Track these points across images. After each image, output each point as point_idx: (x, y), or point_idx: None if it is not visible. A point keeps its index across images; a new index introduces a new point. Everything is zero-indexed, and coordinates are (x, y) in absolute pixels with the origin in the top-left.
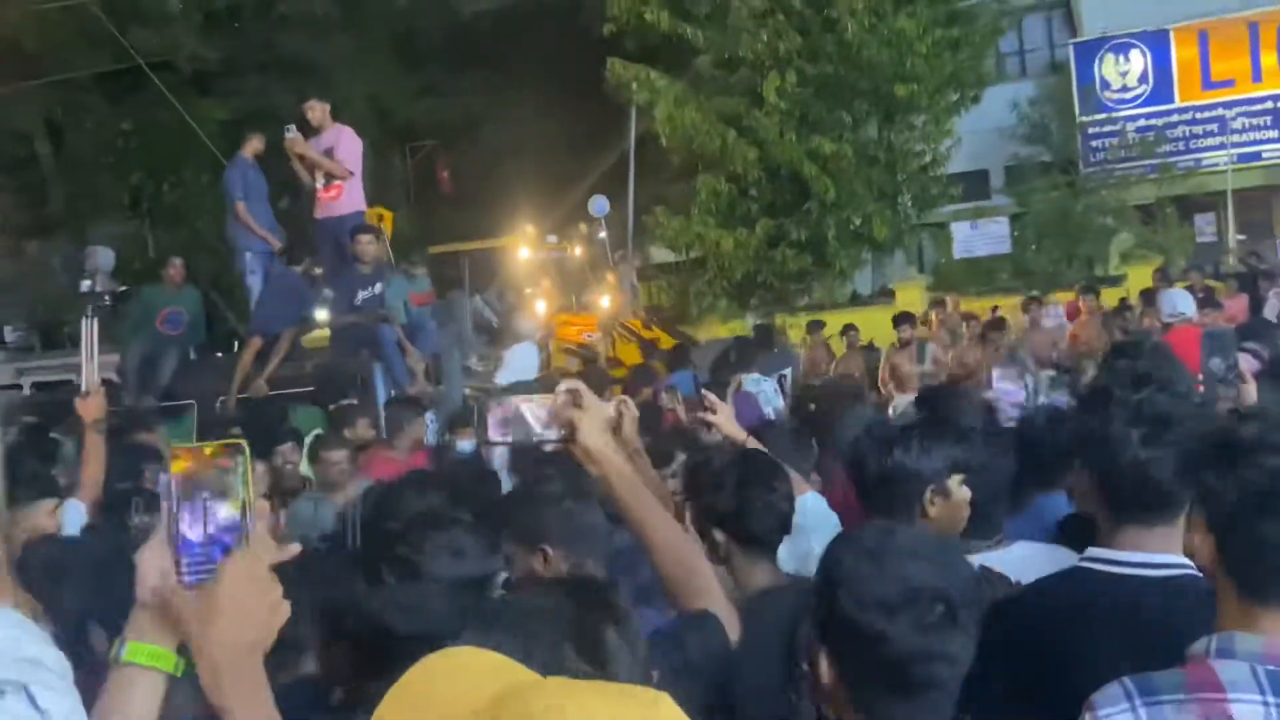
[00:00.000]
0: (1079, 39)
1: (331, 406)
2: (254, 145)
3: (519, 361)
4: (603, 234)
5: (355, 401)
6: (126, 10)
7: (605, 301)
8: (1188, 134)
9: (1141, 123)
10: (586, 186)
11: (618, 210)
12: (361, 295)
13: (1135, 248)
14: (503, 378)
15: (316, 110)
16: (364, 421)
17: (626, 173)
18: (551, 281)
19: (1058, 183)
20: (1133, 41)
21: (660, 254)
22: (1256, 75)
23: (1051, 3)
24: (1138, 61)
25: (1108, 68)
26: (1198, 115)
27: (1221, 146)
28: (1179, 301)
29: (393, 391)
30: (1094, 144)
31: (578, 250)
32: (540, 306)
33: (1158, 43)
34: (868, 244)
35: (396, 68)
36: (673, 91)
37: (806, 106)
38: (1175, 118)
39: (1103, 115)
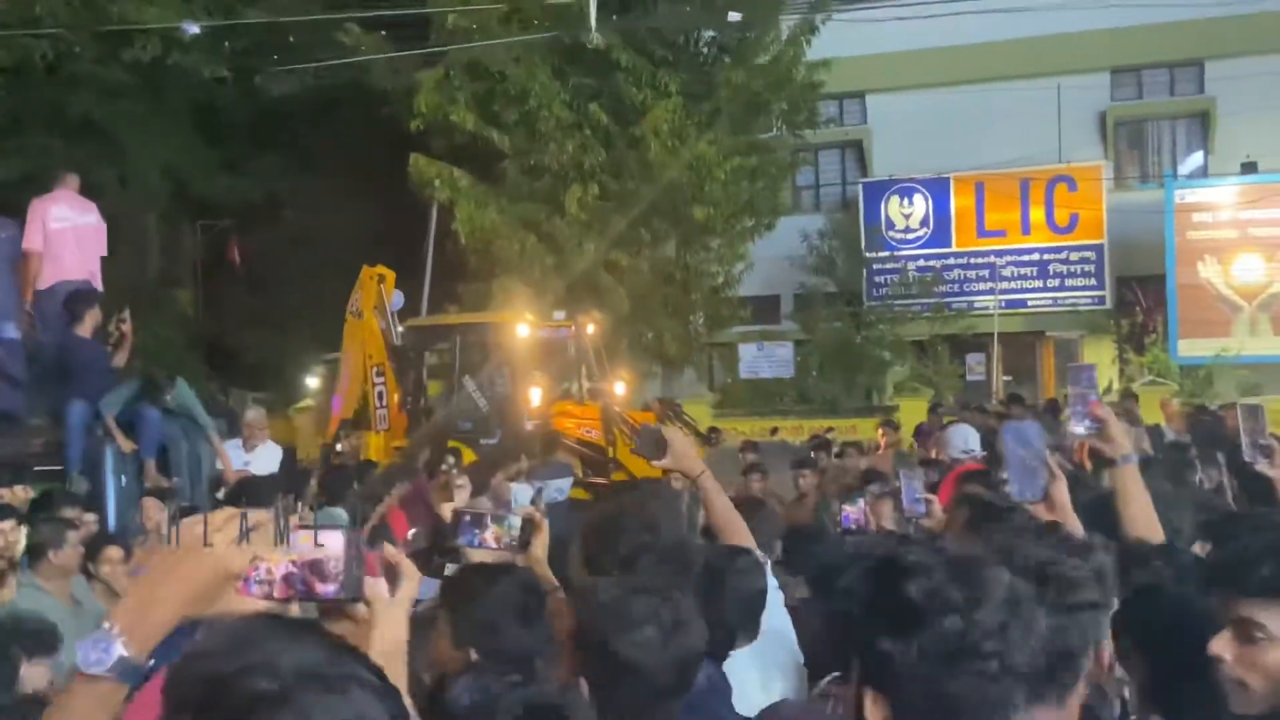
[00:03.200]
0: (868, 179)
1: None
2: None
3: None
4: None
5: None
6: None
7: (620, 388)
8: (962, 277)
9: (921, 263)
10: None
11: (412, 305)
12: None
13: (908, 380)
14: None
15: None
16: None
17: (424, 268)
18: (555, 365)
19: (841, 313)
20: (916, 186)
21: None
22: (1025, 228)
23: (846, 142)
24: (920, 205)
25: (893, 208)
26: (972, 260)
27: (991, 292)
28: (969, 437)
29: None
30: (877, 279)
31: (590, 329)
32: (535, 394)
33: (939, 190)
34: (658, 358)
35: (195, 141)
36: (474, 193)
37: (606, 220)
38: (951, 261)
39: (886, 253)
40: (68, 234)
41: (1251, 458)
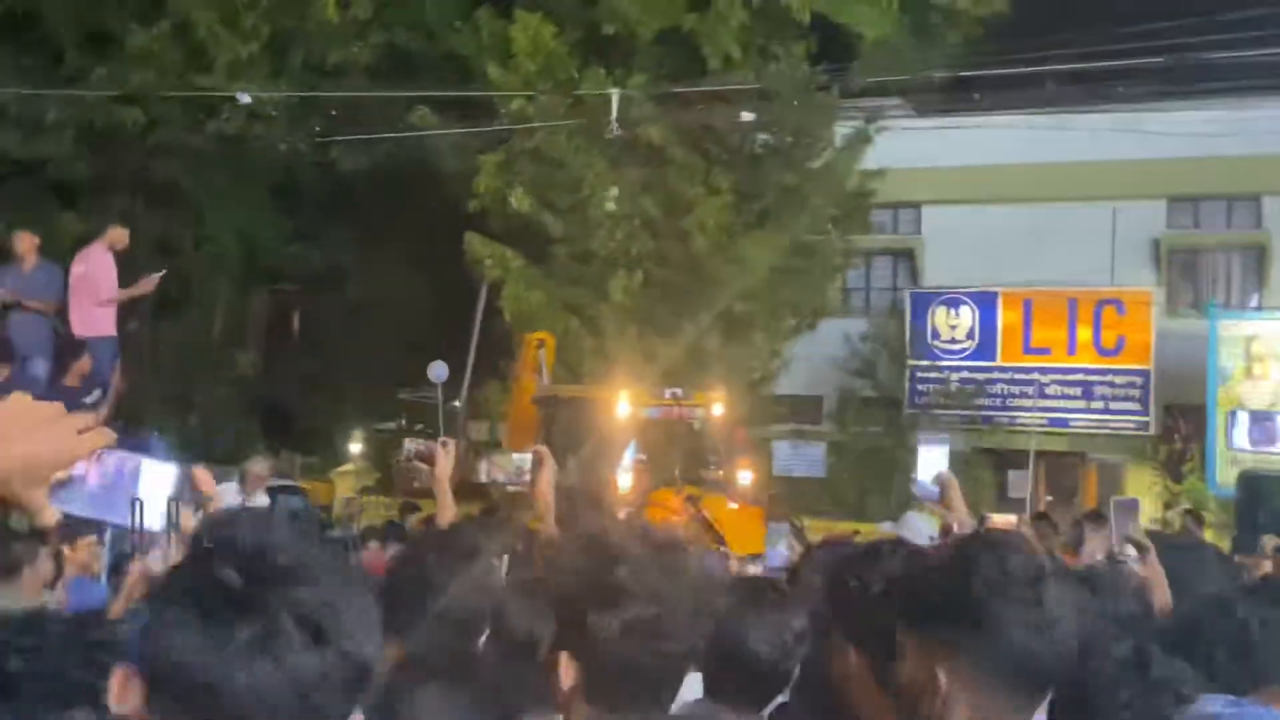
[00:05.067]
0: (917, 288)
1: None
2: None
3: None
4: (456, 402)
5: None
6: None
7: (746, 477)
8: (1005, 392)
9: (964, 375)
10: (433, 351)
11: (455, 380)
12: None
13: None
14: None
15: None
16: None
17: (470, 344)
18: (670, 447)
19: (877, 417)
20: (964, 298)
21: (477, 430)
22: (1071, 348)
23: (898, 250)
24: (967, 317)
25: (939, 318)
26: (1015, 376)
27: (1033, 409)
28: (923, 526)
29: None
30: (919, 387)
31: (717, 410)
32: (625, 479)
33: (987, 303)
34: None
35: (269, 209)
36: (524, 273)
37: (649, 309)
38: (995, 375)
39: (928, 362)
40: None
41: (1119, 550)
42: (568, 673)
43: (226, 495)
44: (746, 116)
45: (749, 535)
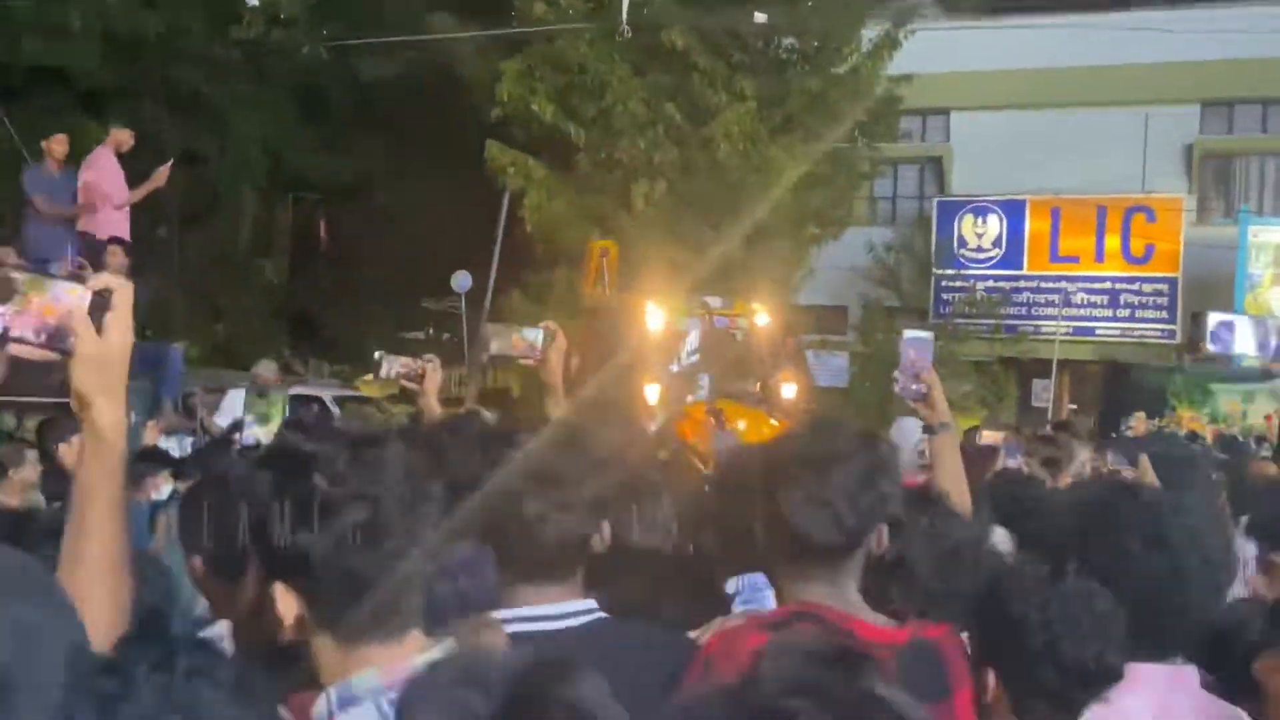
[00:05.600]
0: (943, 196)
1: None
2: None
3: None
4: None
5: None
6: (22, 18)
7: (790, 390)
8: (1031, 300)
9: (990, 283)
10: (457, 261)
11: (478, 290)
12: None
13: (961, 399)
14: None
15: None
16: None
17: (492, 254)
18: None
19: (901, 328)
20: (992, 206)
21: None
22: (1099, 255)
23: (926, 158)
24: (994, 225)
25: (966, 227)
26: (1042, 285)
27: (1058, 318)
28: (915, 430)
29: None
30: (944, 296)
31: (760, 321)
32: (652, 391)
33: (1014, 211)
34: None
35: (294, 119)
36: (546, 182)
37: (673, 218)
38: (1022, 284)
39: (954, 270)
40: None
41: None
42: (287, 604)
43: (235, 401)
44: (760, 18)
45: None
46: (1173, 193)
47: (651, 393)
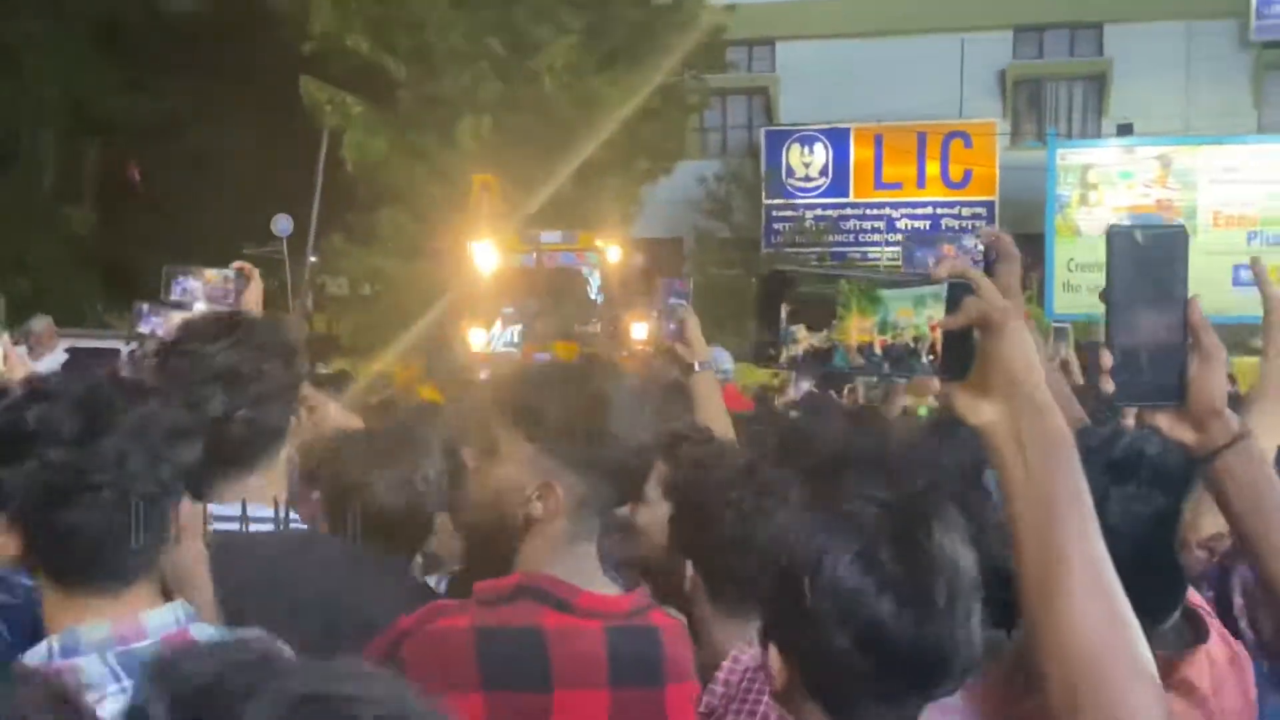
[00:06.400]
0: (771, 126)
1: None
2: None
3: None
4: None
5: None
6: None
7: (640, 331)
8: (858, 228)
9: (819, 212)
10: (277, 204)
11: (300, 233)
12: None
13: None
14: None
15: None
16: None
17: (314, 195)
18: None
19: (733, 259)
20: (818, 135)
21: (336, 285)
22: (921, 181)
23: (753, 89)
24: (820, 154)
25: (794, 157)
26: (868, 212)
27: (885, 244)
28: (722, 359)
29: None
30: (775, 226)
31: (611, 255)
32: (477, 336)
33: (839, 140)
34: None
35: (96, 58)
36: (365, 120)
37: (500, 154)
38: (849, 211)
39: (783, 200)
40: None
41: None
42: (5, 539)
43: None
44: None
45: None
46: (988, 117)
47: (476, 337)
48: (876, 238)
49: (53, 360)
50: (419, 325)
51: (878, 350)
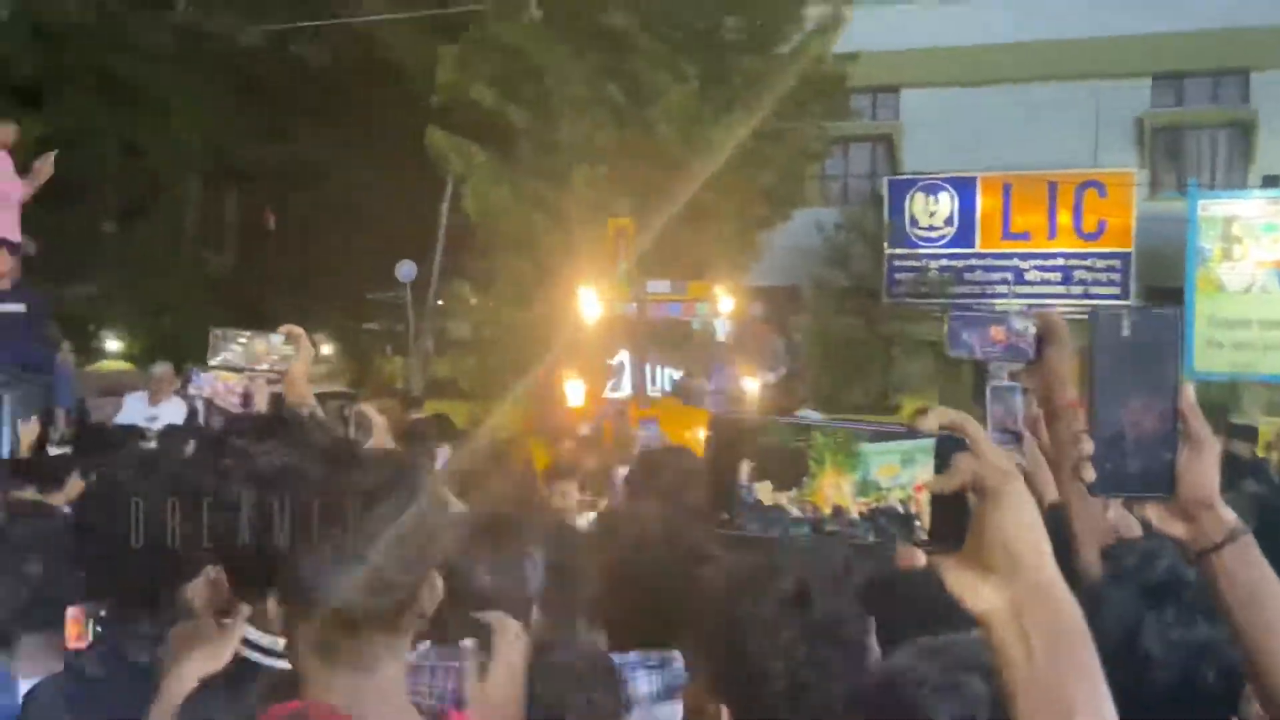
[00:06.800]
0: (895, 175)
1: None
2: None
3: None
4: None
5: None
6: None
7: (752, 385)
8: (984, 279)
9: (943, 262)
10: (402, 249)
11: (423, 279)
12: None
13: (913, 380)
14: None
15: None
16: None
17: (437, 242)
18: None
19: (851, 308)
20: (943, 184)
21: (458, 330)
22: (1052, 232)
23: (876, 137)
24: (945, 203)
25: (917, 205)
26: (995, 263)
27: (1013, 295)
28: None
29: None
30: (897, 276)
31: (723, 306)
32: (575, 389)
33: (966, 189)
34: None
35: (235, 106)
36: (488, 168)
37: (616, 199)
38: (974, 262)
39: (906, 250)
40: None
41: (1000, 441)
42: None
43: (135, 405)
44: None
45: None
46: (1124, 167)
47: (574, 391)
48: (1004, 289)
49: (171, 410)
50: (524, 375)
51: (854, 514)
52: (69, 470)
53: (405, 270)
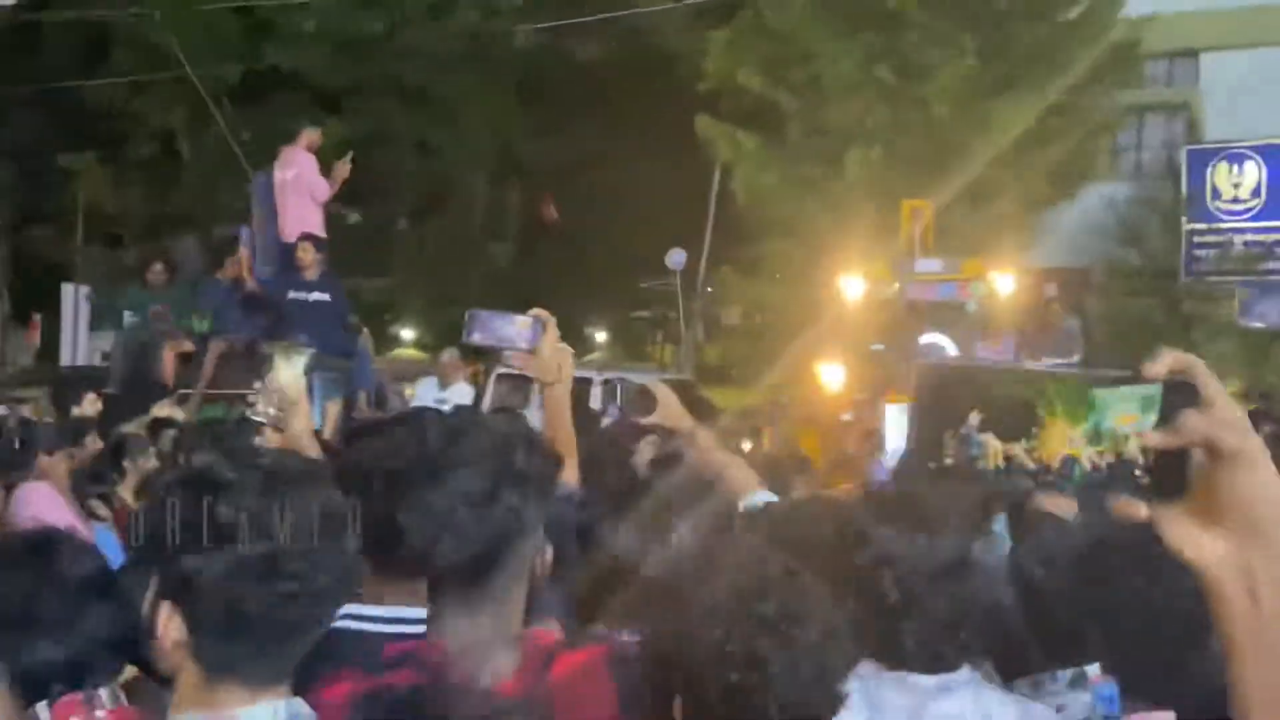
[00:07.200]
0: (1193, 144)
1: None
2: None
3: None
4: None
5: None
6: (262, 25)
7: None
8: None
9: (1249, 238)
10: (671, 238)
11: (692, 266)
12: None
13: (1220, 362)
14: None
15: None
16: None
17: (705, 228)
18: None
19: (1146, 288)
20: (1249, 153)
21: (728, 316)
22: None
23: (1172, 105)
24: (1252, 173)
25: (1220, 177)
26: None
27: None
28: None
29: None
30: (1196, 253)
31: (1002, 285)
32: (833, 373)
33: (1274, 156)
34: None
35: (516, 105)
36: (757, 154)
37: (889, 183)
38: None
39: (1207, 225)
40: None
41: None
42: (169, 626)
43: (427, 391)
44: None
45: None
46: None
47: (832, 375)
48: None
49: (459, 394)
50: (785, 360)
51: (1085, 465)
52: None
53: (676, 258)
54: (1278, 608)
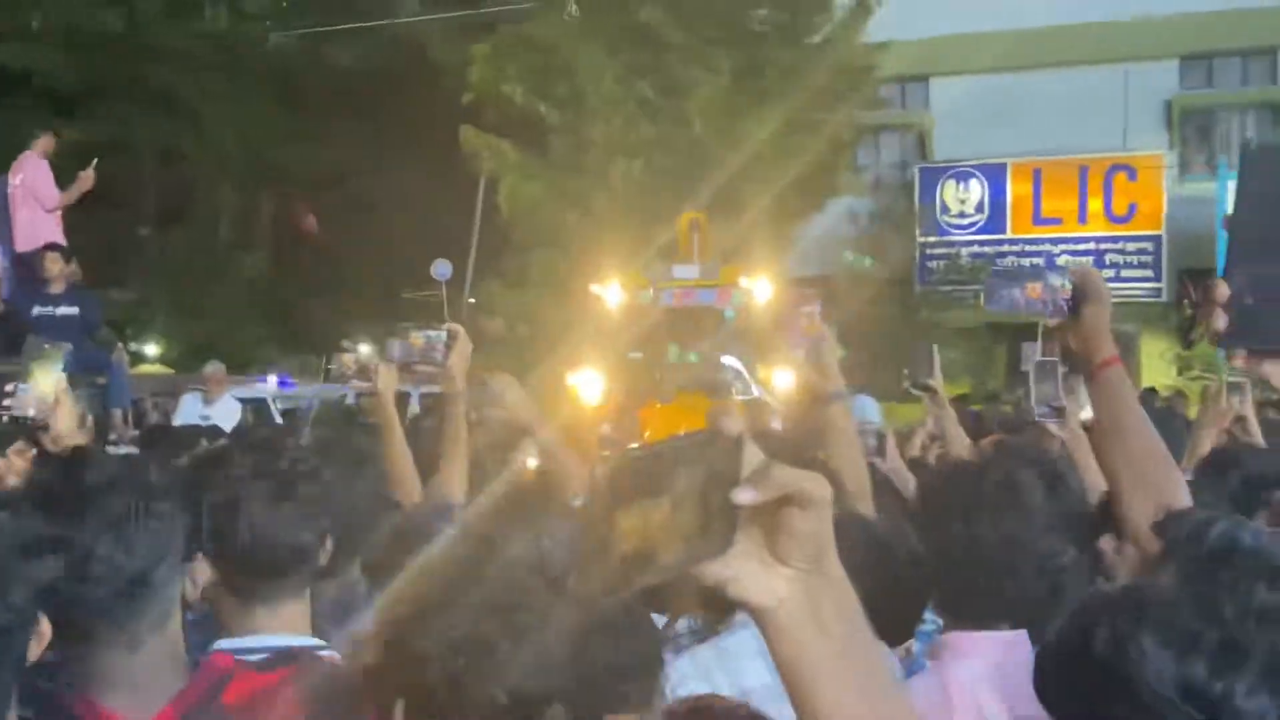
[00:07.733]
0: (925, 164)
1: None
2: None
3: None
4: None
5: None
6: None
7: (784, 379)
8: (1016, 265)
9: (975, 249)
10: (436, 248)
11: (458, 277)
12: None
13: (948, 366)
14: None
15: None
16: None
17: (471, 240)
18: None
19: (884, 297)
20: (973, 171)
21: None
22: (1082, 217)
23: (906, 126)
24: (976, 191)
25: (948, 193)
26: (1026, 249)
27: None
28: (868, 408)
29: None
30: (929, 264)
31: (760, 293)
32: (593, 389)
33: (996, 176)
34: None
35: (269, 110)
36: (521, 166)
37: (651, 196)
38: (1006, 248)
39: (937, 238)
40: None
41: (1043, 416)
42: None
43: (191, 406)
44: None
45: None
46: (1154, 149)
47: (588, 389)
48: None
49: (225, 408)
50: (539, 373)
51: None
52: None
53: (440, 269)
54: (846, 630)
